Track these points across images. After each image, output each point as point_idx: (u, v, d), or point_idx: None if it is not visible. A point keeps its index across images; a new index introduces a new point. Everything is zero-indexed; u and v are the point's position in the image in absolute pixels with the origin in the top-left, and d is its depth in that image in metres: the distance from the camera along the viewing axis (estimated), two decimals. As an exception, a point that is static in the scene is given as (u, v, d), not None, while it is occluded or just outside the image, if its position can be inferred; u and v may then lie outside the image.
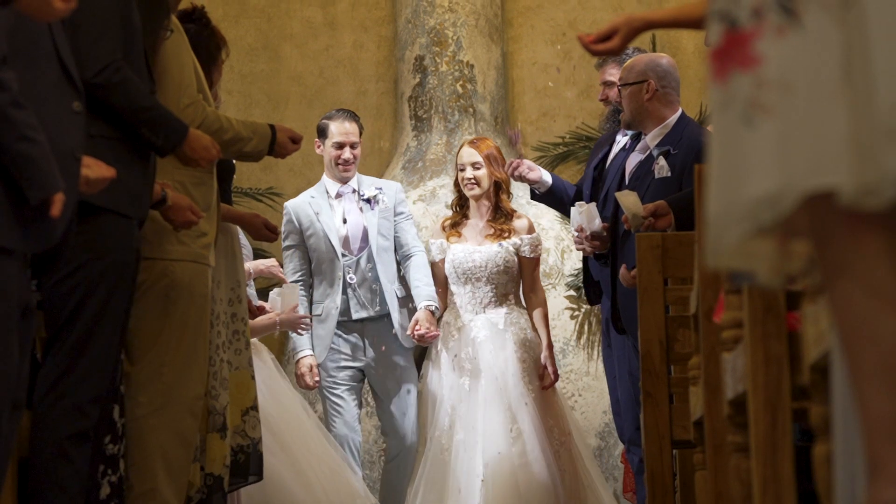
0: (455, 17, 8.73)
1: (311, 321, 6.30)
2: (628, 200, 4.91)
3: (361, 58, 9.11)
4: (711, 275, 2.94)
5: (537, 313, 6.16)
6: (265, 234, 5.26)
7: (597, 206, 5.62)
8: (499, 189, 6.23)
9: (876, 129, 1.33)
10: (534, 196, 6.11)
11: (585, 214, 5.52)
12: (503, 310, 6.15)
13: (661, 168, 5.33)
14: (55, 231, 3.25)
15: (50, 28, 3.38)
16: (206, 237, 4.51)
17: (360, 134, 6.51)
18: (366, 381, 6.41)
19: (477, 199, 6.23)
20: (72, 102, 3.45)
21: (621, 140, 5.88)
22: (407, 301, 6.33)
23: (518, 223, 6.23)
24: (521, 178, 5.96)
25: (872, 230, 1.38)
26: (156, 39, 4.22)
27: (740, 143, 1.40)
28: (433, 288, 6.27)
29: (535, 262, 6.25)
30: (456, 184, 6.38)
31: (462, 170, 6.25)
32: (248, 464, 4.89)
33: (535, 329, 6.16)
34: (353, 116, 6.56)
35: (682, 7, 4.17)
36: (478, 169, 6.19)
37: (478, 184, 6.18)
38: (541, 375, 6.03)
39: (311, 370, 6.26)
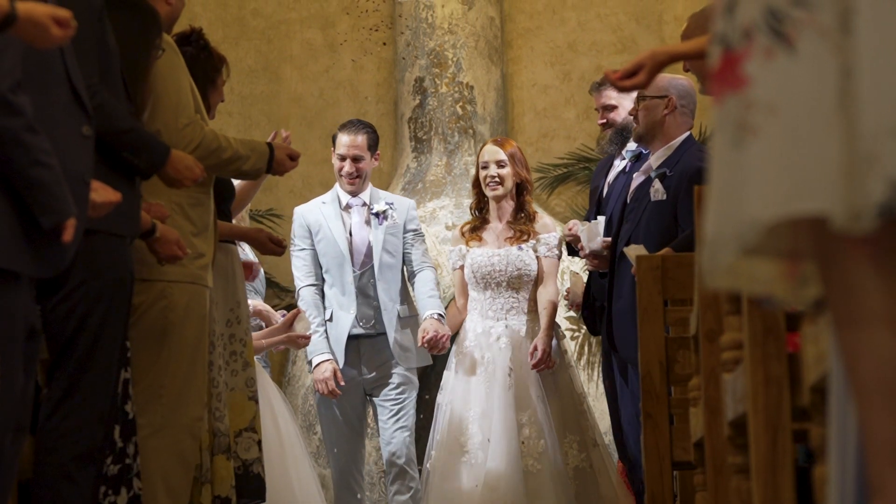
0: (455, 39, 8.75)
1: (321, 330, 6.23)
2: (636, 254, 4.95)
3: (361, 79, 9.13)
4: (711, 296, 2.94)
5: (544, 307, 5.90)
6: (271, 247, 5.24)
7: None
8: (522, 190, 5.98)
9: (858, 154, 1.33)
10: (571, 252, 6.00)
11: (587, 232, 5.53)
12: (525, 317, 5.92)
13: (657, 191, 5.34)
14: (65, 256, 3.26)
15: (62, 51, 3.38)
16: (203, 258, 4.51)
17: (372, 147, 6.27)
18: (368, 399, 6.25)
19: (499, 199, 5.97)
20: (81, 126, 3.45)
21: (619, 164, 5.91)
22: (410, 322, 6.14)
23: (539, 225, 6.00)
24: (576, 238, 5.76)
25: (871, 252, 1.39)
26: (148, 59, 4.22)
27: (731, 164, 1.41)
28: (438, 300, 6.07)
29: (552, 263, 5.99)
30: (475, 185, 6.10)
31: (485, 167, 5.97)
32: (239, 486, 4.87)
33: (560, 336, 5.94)
34: (363, 129, 6.32)
35: (704, 39, 4.20)
36: (502, 167, 5.93)
37: (501, 183, 5.93)
38: (530, 353, 5.79)
39: (334, 374, 6.03)
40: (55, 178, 3.15)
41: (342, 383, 6.01)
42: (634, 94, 6.04)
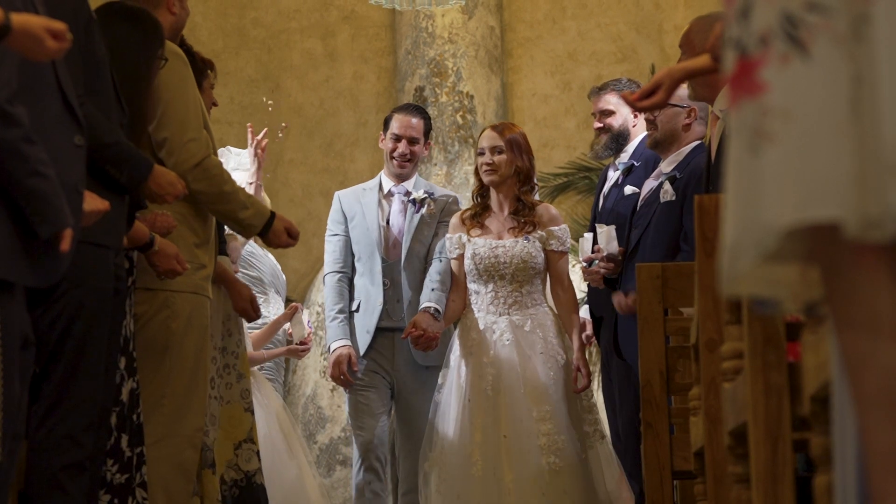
0: (455, 49, 8.75)
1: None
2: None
3: (361, 89, 9.13)
4: (711, 305, 2.94)
5: (567, 312, 5.66)
6: (248, 309, 5.02)
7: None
8: (521, 179, 5.73)
9: (880, 163, 1.33)
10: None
11: (605, 235, 5.50)
12: (530, 310, 5.65)
13: (666, 192, 5.35)
14: (61, 265, 3.26)
15: (53, 62, 3.38)
16: (205, 269, 4.51)
17: (426, 134, 6.05)
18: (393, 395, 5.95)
19: (496, 187, 5.72)
20: (73, 136, 3.45)
21: (613, 176, 5.91)
22: None
23: (544, 214, 5.74)
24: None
25: (878, 262, 1.39)
26: (150, 69, 4.22)
27: (748, 170, 1.41)
28: (443, 293, 5.76)
29: (564, 256, 5.73)
30: (476, 171, 5.87)
31: (481, 154, 5.75)
32: (242, 498, 4.87)
33: (563, 330, 5.66)
34: (420, 112, 6.11)
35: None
36: (498, 153, 5.69)
37: (496, 170, 5.69)
38: (574, 378, 5.53)
39: (349, 360, 5.76)
40: (53, 189, 3.16)
41: (356, 369, 5.77)
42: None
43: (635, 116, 5.97)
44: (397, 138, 5.97)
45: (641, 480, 4.64)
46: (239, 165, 6.11)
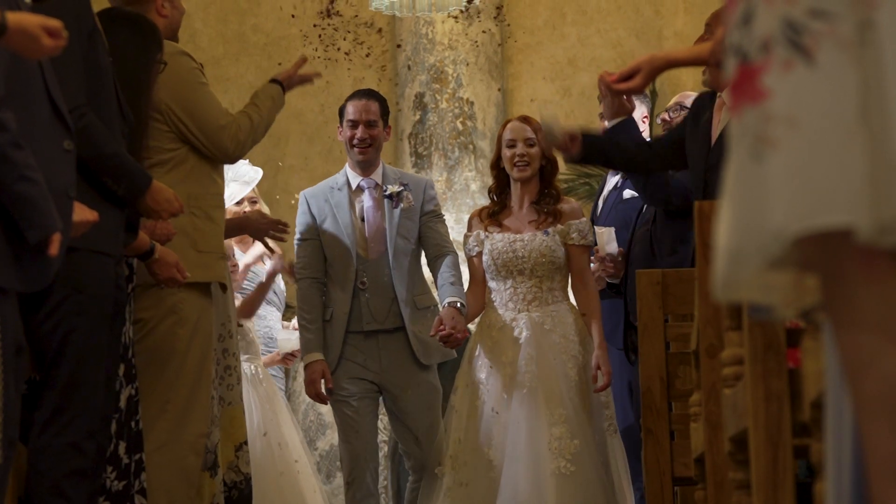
0: (455, 55, 8.76)
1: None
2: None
3: (362, 95, 9.13)
4: (712, 311, 2.94)
5: (588, 309, 5.42)
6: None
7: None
8: (549, 170, 5.51)
9: (890, 166, 1.33)
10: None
11: (604, 236, 5.49)
12: (550, 307, 5.41)
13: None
14: (50, 270, 3.27)
15: (40, 66, 3.38)
16: (227, 259, 4.64)
17: (384, 117, 5.71)
18: (381, 398, 5.64)
19: (526, 181, 5.48)
20: (63, 141, 3.45)
21: (611, 181, 5.92)
22: (428, 313, 5.57)
23: (566, 207, 5.51)
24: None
25: (882, 268, 1.38)
26: (149, 74, 4.23)
27: (750, 177, 1.40)
28: (462, 287, 5.53)
29: (585, 250, 5.49)
30: (494, 166, 5.61)
31: (511, 146, 5.47)
32: (241, 500, 4.88)
33: (584, 327, 5.43)
34: (374, 95, 5.77)
35: (703, 46, 4.20)
36: (531, 146, 5.44)
37: (529, 163, 5.44)
38: (594, 377, 5.29)
39: (322, 376, 5.46)
40: (41, 193, 3.17)
41: (330, 386, 5.50)
42: (644, 108, 6.05)
43: (644, 121, 5.98)
44: (354, 124, 5.64)
45: (642, 484, 4.64)
46: (237, 176, 6.08)
